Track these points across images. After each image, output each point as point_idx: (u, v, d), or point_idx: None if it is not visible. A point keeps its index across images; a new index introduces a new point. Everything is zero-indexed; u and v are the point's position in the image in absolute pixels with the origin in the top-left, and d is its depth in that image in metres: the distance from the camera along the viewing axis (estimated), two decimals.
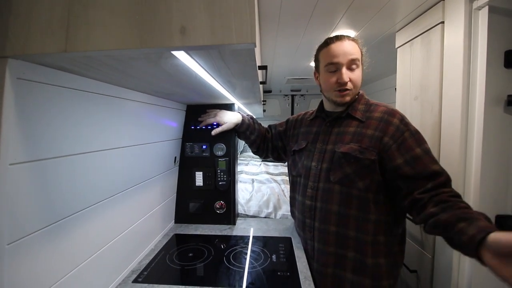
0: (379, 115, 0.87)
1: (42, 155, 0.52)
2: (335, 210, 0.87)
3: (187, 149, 1.29)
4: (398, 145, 0.81)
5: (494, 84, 0.85)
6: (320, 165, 0.92)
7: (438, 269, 1.00)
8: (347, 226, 0.85)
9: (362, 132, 0.86)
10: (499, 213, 0.87)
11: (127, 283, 0.81)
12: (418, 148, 0.80)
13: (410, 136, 0.81)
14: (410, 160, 0.79)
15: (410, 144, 0.80)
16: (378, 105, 0.91)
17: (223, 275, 0.86)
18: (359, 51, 0.89)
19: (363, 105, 0.92)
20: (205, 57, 0.52)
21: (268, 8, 1.05)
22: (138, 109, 0.86)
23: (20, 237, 0.48)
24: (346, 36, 0.89)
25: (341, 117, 0.92)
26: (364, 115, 0.89)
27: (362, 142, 0.85)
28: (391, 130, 0.82)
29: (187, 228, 1.24)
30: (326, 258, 0.89)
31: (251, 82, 0.79)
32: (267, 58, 1.79)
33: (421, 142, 0.81)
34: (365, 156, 0.83)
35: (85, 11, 0.42)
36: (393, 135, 0.82)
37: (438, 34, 1.02)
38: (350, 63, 0.86)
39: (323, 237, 0.90)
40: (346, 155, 0.85)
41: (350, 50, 0.86)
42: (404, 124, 0.83)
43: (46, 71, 0.50)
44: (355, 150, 0.84)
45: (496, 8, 0.84)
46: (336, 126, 0.93)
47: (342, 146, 0.87)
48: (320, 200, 0.90)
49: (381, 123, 0.85)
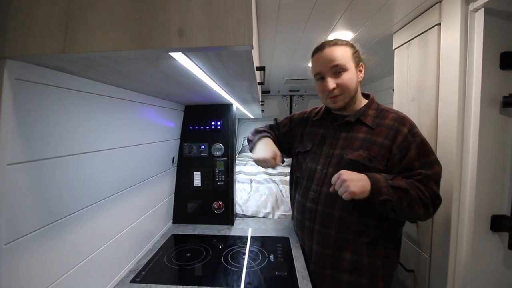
0: (389, 122, 0.86)
1: (39, 155, 0.52)
2: (337, 215, 0.86)
3: (185, 149, 1.29)
4: (401, 156, 0.82)
5: (490, 86, 0.86)
6: (325, 169, 0.90)
7: (435, 269, 1.01)
8: (347, 231, 0.85)
9: (372, 139, 0.85)
10: (495, 213, 0.88)
11: (125, 283, 0.81)
12: (417, 162, 0.81)
13: (415, 148, 0.82)
14: (406, 172, 0.82)
15: (411, 156, 0.81)
16: (389, 112, 0.90)
17: (221, 275, 0.87)
18: (346, 53, 0.86)
19: (374, 111, 0.91)
20: (202, 59, 0.53)
21: (266, 9, 1.06)
22: (136, 109, 0.86)
23: (17, 237, 0.48)
24: (327, 43, 0.88)
25: (350, 122, 0.91)
26: (374, 122, 0.88)
27: (372, 150, 0.84)
28: (399, 139, 0.82)
29: (185, 228, 1.24)
30: (324, 260, 0.89)
31: (249, 83, 0.80)
32: (266, 58, 1.79)
33: (424, 155, 0.82)
34: (374, 165, 0.82)
35: (84, 12, 0.43)
36: (399, 145, 0.82)
37: (434, 35, 1.02)
38: (333, 70, 0.86)
39: (322, 240, 0.90)
40: (354, 162, 0.84)
41: (330, 57, 0.86)
42: (412, 134, 0.83)
43: (45, 72, 0.51)
44: (364, 158, 0.83)
45: (492, 10, 0.85)
46: (345, 131, 0.91)
47: (351, 152, 0.86)
48: (323, 204, 0.89)
49: (391, 131, 0.84)
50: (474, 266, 0.88)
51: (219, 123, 1.28)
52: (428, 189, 0.80)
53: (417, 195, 0.78)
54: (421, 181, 0.80)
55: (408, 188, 0.77)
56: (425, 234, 1.07)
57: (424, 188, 0.80)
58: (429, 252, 1.04)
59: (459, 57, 0.90)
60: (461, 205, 0.91)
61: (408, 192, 0.77)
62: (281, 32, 1.30)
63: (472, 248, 0.88)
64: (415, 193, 0.78)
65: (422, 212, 0.79)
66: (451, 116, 0.94)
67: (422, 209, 0.79)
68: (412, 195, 0.77)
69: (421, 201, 0.78)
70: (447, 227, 0.94)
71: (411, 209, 0.78)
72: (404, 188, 0.77)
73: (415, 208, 0.78)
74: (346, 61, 0.86)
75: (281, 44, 1.50)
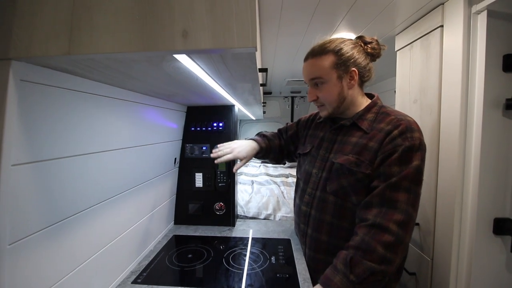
0: (384, 126, 0.80)
1: (44, 156, 0.52)
2: (328, 221, 0.85)
3: (187, 150, 1.29)
4: (382, 158, 0.76)
5: (492, 88, 0.86)
6: (321, 173, 0.89)
7: (437, 272, 1.01)
8: (339, 237, 0.84)
9: (363, 143, 0.80)
10: (497, 216, 0.88)
11: (126, 284, 0.81)
12: (397, 167, 0.73)
13: (401, 151, 0.73)
14: (382, 177, 0.75)
15: (392, 160, 0.74)
16: (389, 115, 0.82)
17: (222, 276, 0.87)
18: (327, 64, 0.82)
19: (373, 114, 0.85)
20: (206, 60, 0.53)
21: (269, 10, 1.06)
22: (138, 110, 0.87)
23: (21, 237, 0.48)
24: (311, 52, 0.86)
25: (346, 125, 0.88)
26: (370, 126, 0.83)
27: (362, 155, 0.79)
28: (386, 141, 0.76)
29: (186, 229, 1.24)
30: (316, 265, 0.89)
31: (251, 84, 0.80)
32: (268, 60, 1.80)
33: (406, 162, 0.73)
34: (361, 170, 0.78)
35: (89, 14, 0.43)
36: (384, 147, 0.76)
37: (437, 37, 1.02)
38: (312, 82, 0.86)
39: (314, 245, 0.89)
40: (342, 167, 0.82)
41: (309, 70, 0.86)
42: (403, 138, 0.75)
43: (49, 73, 0.51)
44: (351, 163, 0.80)
45: (495, 12, 0.84)
46: (341, 134, 0.89)
47: (340, 156, 0.84)
48: (315, 208, 0.88)
49: (382, 134, 0.78)
50: (476, 269, 0.88)
51: (221, 124, 1.28)
52: (373, 244, 0.70)
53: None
54: (374, 226, 0.71)
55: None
56: (427, 237, 1.06)
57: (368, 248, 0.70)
58: (431, 254, 1.03)
59: (462, 59, 0.90)
60: (464, 207, 0.91)
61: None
62: (283, 33, 1.30)
63: (474, 251, 0.87)
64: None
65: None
66: (454, 118, 0.94)
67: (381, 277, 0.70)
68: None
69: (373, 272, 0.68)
70: (449, 229, 0.94)
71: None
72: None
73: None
74: (325, 73, 0.83)
75: (283, 46, 1.50)
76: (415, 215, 0.73)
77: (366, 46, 0.87)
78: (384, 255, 0.68)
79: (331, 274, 0.72)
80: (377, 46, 0.88)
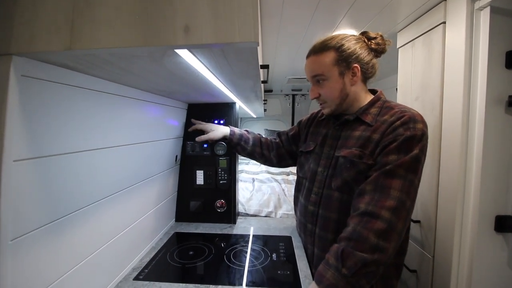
0: (388, 118, 0.79)
1: (45, 152, 0.52)
2: (334, 218, 0.83)
3: (188, 148, 1.29)
4: (382, 147, 0.75)
5: (495, 85, 0.85)
6: (326, 171, 0.88)
7: (438, 269, 1.01)
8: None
9: (367, 136, 0.80)
10: (499, 213, 0.88)
11: (128, 280, 0.82)
12: (395, 155, 0.72)
13: (401, 140, 0.72)
14: (378, 166, 0.73)
15: (391, 148, 0.73)
16: (393, 108, 0.81)
17: (223, 273, 0.87)
18: (328, 61, 0.82)
19: (377, 108, 0.84)
20: (208, 56, 0.53)
21: (270, 6, 1.06)
22: (140, 107, 0.86)
23: (23, 233, 0.48)
24: (314, 49, 0.86)
25: (350, 120, 0.87)
26: (374, 119, 0.82)
27: (365, 147, 0.79)
28: (388, 131, 0.76)
29: (187, 226, 1.24)
30: None
31: (253, 81, 0.80)
32: (269, 57, 1.79)
33: (405, 151, 0.71)
34: (363, 161, 0.77)
35: (90, 9, 0.43)
36: (385, 136, 0.75)
37: (439, 34, 1.02)
38: (314, 79, 0.86)
39: (322, 244, 0.87)
40: (345, 159, 0.81)
41: (311, 67, 0.86)
42: (404, 128, 0.73)
43: (50, 69, 0.51)
44: (354, 155, 0.79)
45: (498, 9, 0.84)
46: (345, 129, 0.88)
47: (343, 150, 0.83)
48: (322, 207, 0.87)
49: (385, 125, 0.78)
50: (477, 266, 0.88)
51: (222, 122, 1.28)
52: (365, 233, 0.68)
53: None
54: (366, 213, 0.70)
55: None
56: (428, 234, 1.06)
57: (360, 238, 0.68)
58: (433, 252, 1.03)
59: (464, 56, 0.90)
60: (465, 205, 0.91)
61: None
62: (284, 30, 1.30)
63: (476, 249, 0.87)
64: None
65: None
66: (456, 115, 0.93)
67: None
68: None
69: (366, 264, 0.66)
70: (451, 227, 0.94)
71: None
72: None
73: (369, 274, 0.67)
74: (326, 70, 0.82)
75: (284, 43, 1.50)
76: (409, 203, 0.70)
77: (370, 42, 0.86)
78: (376, 243, 0.66)
79: (323, 269, 0.70)
80: (381, 41, 0.87)
